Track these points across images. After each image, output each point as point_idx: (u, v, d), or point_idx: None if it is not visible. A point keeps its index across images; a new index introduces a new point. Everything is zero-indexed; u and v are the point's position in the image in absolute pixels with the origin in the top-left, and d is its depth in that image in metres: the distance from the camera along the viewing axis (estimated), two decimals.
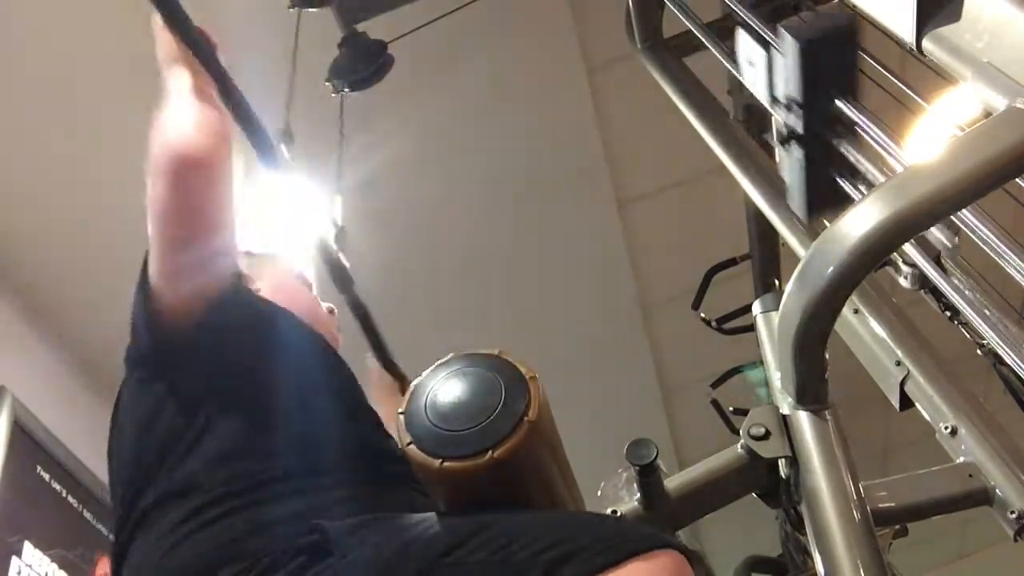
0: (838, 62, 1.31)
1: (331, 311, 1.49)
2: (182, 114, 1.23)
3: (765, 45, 1.39)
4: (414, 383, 1.11)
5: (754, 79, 1.46)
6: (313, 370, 1.27)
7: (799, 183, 1.41)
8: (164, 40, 1.34)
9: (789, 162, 1.42)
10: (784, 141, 1.39)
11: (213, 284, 1.22)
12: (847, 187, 1.37)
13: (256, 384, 1.21)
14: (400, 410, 1.09)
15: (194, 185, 1.18)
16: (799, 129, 1.35)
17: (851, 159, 1.33)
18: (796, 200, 1.45)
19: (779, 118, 1.40)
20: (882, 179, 1.27)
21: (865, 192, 1.32)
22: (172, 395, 1.19)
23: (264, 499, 1.11)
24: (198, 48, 1.31)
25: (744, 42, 1.46)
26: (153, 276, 1.21)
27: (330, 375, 1.30)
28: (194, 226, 1.20)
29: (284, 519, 1.08)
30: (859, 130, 1.31)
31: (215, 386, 1.19)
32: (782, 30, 1.32)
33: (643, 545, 0.97)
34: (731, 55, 1.56)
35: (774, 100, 1.40)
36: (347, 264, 1.60)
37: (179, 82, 1.29)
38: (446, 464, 1.03)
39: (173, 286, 1.20)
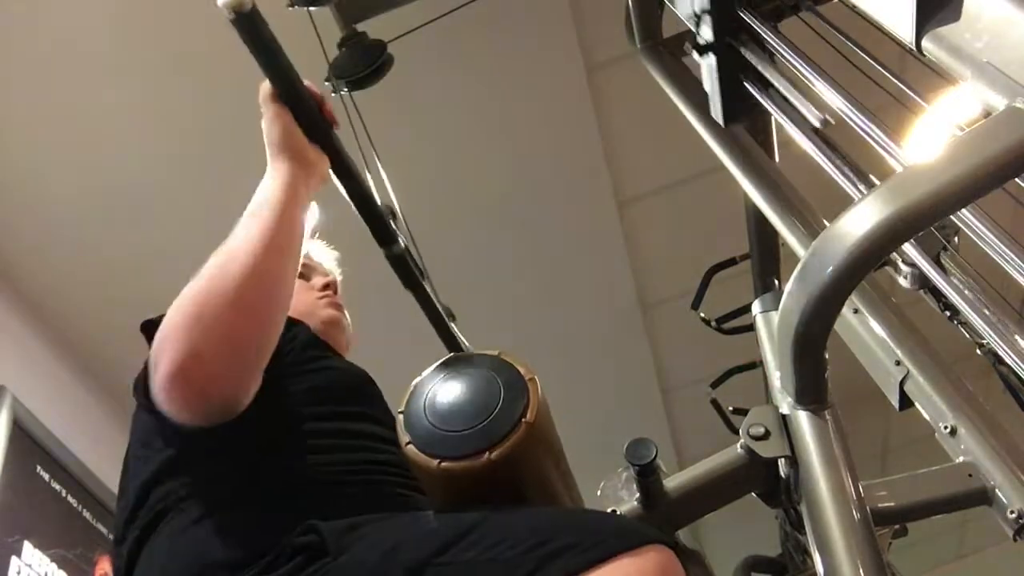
0: None
1: (329, 285, 1.55)
2: (220, 305, 1.09)
3: None
4: (415, 381, 1.12)
5: (681, 4, 1.61)
6: (320, 392, 1.28)
7: (715, 91, 1.56)
8: (271, 116, 1.28)
9: (707, 72, 1.57)
10: (701, 52, 1.55)
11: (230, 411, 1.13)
12: (757, 95, 1.48)
13: (262, 410, 1.18)
14: (400, 409, 1.10)
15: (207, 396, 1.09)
16: (710, 38, 1.51)
17: (758, 67, 1.44)
18: (715, 108, 1.59)
19: (697, 33, 1.55)
20: (788, 88, 1.38)
21: (776, 102, 1.45)
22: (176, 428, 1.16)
23: (260, 502, 1.12)
24: (311, 118, 1.26)
25: None
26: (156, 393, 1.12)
27: (337, 393, 1.31)
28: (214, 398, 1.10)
29: (280, 520, 1.08)
30: (764, 41, 1.43)
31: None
32: None
33: (633, 541, 0.97)
34: None
35: (693, 16, 1.55)
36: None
37: (268, 196, 1.20)
38: (443, 464, 1.04)
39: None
